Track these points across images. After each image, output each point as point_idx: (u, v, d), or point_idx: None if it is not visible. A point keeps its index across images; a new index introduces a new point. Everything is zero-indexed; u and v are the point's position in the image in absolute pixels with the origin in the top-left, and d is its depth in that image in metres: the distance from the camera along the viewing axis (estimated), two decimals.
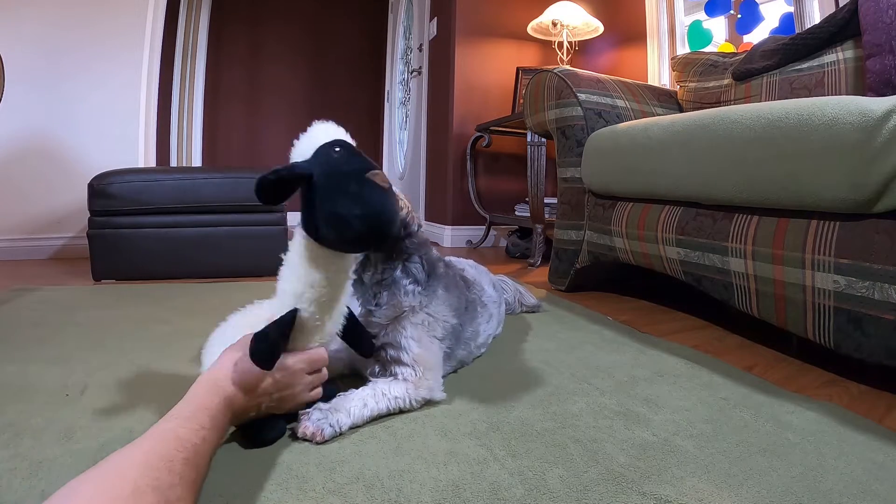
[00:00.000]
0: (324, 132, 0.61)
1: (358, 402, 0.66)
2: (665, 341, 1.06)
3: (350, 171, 0.56)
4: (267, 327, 0.58)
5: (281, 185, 0.56)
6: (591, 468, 0.57)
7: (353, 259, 0.65)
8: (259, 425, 0.62)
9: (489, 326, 0.95)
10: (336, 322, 0.64)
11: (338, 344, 0.74)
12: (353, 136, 0.63)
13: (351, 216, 0.54)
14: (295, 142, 0.61)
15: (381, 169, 0.58)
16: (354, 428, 0.65)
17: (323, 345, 0.65)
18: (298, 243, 0.60)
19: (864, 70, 1.24)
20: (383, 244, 0.63)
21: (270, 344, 0.57)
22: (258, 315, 0.65)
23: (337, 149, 0.58)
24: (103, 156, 2.25)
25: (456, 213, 2.98)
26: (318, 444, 0.61)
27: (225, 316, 0.76)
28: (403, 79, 4.06)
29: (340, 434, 0.63)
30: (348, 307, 0.67)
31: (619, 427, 0.67)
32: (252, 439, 0.61)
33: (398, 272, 0.74)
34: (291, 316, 0.59)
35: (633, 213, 1.34)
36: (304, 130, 0.60)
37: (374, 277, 0.73)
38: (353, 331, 0.69)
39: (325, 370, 0.66)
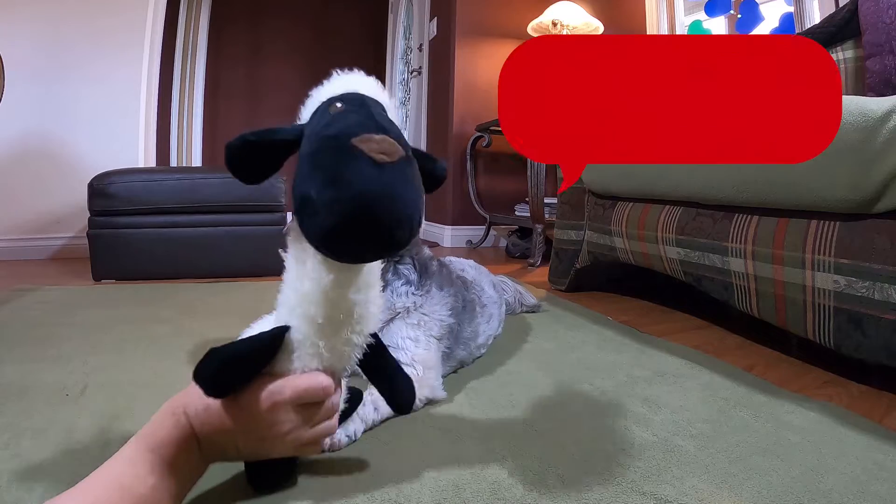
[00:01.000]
0: (341, 84, 0.45)
1: (369, 407, 0.65)
2: (665, 341, 1.06)
3: (333, 133, 0.39)
4: (234, 343, 0.44)
5: (252, 154, 0.42)
6: (591, 468, 0.57)
7: (366, 271, 0.46)
8: (254, 468, 0.51)
9: (489, 327, 0.95)
10: (346, 350, 0.47)
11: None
12: None
13: (319, 202, 0.37)
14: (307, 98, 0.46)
15: (397, 134, 0.40)
16: None
17: (329, 372, 0.47)
18: (292, 238, 0.46)
19: (864, 70, 1.24)
20: (381, 248, 0.39)
21: (221, 363, 0.43)
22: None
23: (339, 104, 0.42)
24: (103, 156, 2.25)
25: (456, 213, 2.97)
26: (333, 452, 0.58)
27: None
28: (403, 79, 4.06)
29: (356, 441, 0.61)
30: (375, 335, 0.51)
31: (619, 427, 0.67)
32: (251, 482, 0.51)
33: (389, 274, 0.73)
34: (273, 335, 0.44)
35: (633, 213, 1.34)
36: None
37: None
38: (380, 367, 0.53)
39: (332, 401, 0.48)
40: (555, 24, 2.62)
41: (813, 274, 0.87)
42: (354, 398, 0.59)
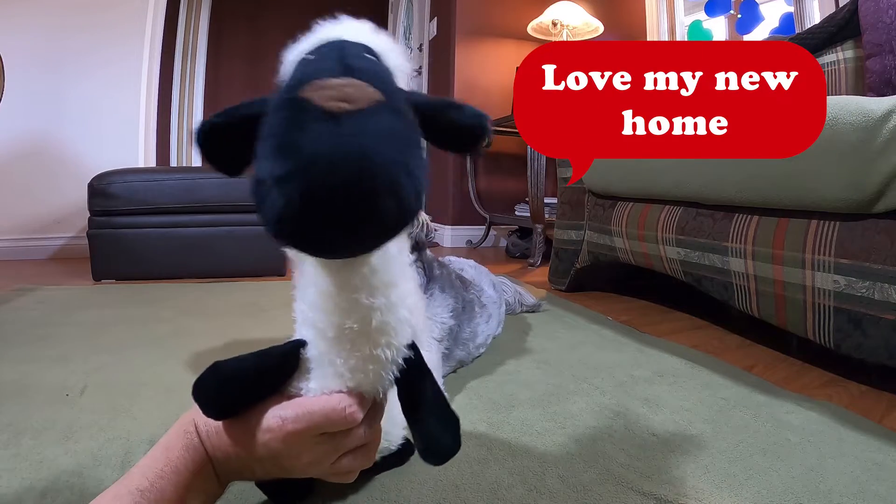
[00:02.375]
0: (321, 36, 0.36)
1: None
2: (665, 341, 1.06)
3: (283, 89, 0.31)
4: (240, 357, 0.39)
5: (222, 139, 0.34)
6: (591, 468, 0.57)
7: (379, 265, 0.36)
8: (271, 487, 0.46)
9: (488, 327, 0.95)
10: (373, 368, 0.38)
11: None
12: None
13: (267, 182, 0.28)
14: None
15: (375, 73, 0.31)
16: None
17: (356, 394, 0.39)
18: None
19: (864, 70, 1.24)
20: (358, 231, 0.29)
21: (223, 380, 0.37)
22: None
23: (311, 56, 0.33)
24: (103, 156, 2.25)
25: (456, 213, 2.97)
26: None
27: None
28: None
29: None
30: (412, 348, 0.40)
31: (619, 427, 0.67)
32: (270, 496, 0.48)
33: None
34: (284, 351, 0.39)
35: (633, 212, 1.34)
36: None
37: None
38: (415, 396, 0.41)
39: (364, 429, 0.41)
40: (555, 24, 2.62)
41: (813, 274, 0.87)
42: (405, 451, 0.52)
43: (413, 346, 0.40)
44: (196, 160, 3.97)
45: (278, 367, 0.39)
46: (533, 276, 1.92)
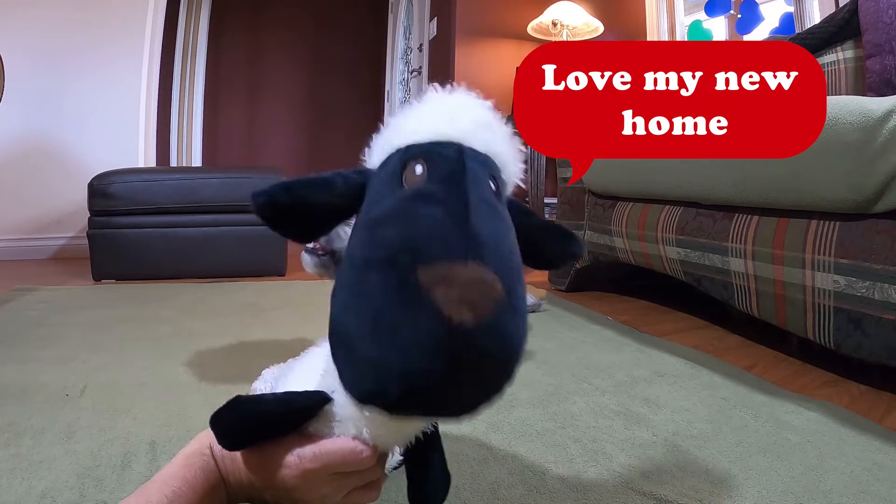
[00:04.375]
0: (432, 118, 0.32)
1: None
2: (665, 341, 1.06)
3: (393, 246, 0.27)
4: (264, 399, 0.39)
5: (287, 216, 0.33)
6: (591, 468, 0.57)
7: None
8: None
9: None
10: (394, 439, 0.40)
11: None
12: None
13: (358, 348, 0.27)
14: (390, 121, 0.34)
15: (499, 237, 0.29)
16: None
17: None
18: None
19: (864, 70, 1.24)
20: (443, 418, 0.32)
21: (242, 418, 0.38)
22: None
23: (419, 168, 0.30)
24: (103, 156, 2.25)
25: None
26: None
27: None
28: (403, 79, 4.06)
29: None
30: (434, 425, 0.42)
31: (619, 427, 0.67)
32: None
33: None
34: (313, 401, 0.38)
35: (633, 212, 1.34)
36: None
37: None
38: (421, 455, 0.43)
39: (375, 472, 0.43)
40: (555, 24, 2.62)
41: (813, 274, 0.87)
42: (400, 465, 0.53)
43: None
44: (196, 160, 3.97)
45: (299, 413, 0.39)
46: (533, 276, 1.92)
